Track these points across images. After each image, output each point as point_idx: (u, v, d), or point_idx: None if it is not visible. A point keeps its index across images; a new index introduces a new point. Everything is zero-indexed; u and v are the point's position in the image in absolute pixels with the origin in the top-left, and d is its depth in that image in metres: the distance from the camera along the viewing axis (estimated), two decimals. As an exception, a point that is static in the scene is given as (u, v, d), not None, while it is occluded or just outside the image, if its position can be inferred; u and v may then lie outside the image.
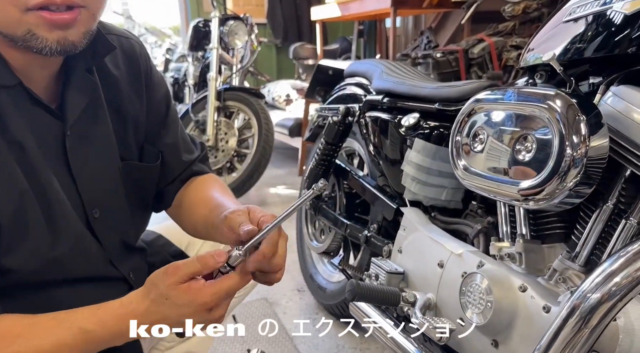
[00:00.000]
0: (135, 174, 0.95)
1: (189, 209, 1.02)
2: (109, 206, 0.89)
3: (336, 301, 1.77)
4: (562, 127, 0.85)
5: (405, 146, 1.41)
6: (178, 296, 0.69)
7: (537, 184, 0.89)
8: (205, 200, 0.99)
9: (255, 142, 3.13)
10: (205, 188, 1.03)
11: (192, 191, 1.04)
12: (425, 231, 1.27)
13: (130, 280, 0.93)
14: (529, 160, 0.91)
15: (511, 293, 0.98)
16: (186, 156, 1.06)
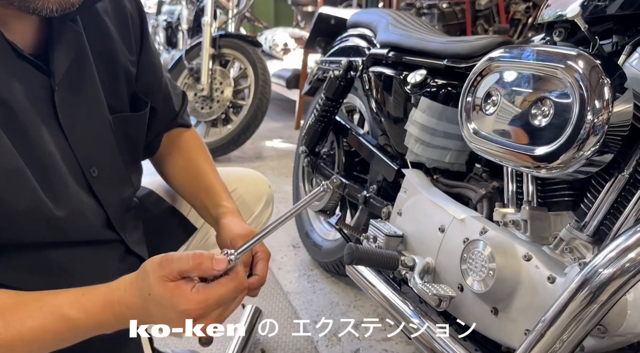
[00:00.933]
0: (126, 126, 0.90)
1: (175, 172, 1.04)
2: (105, 164, 0.84)
3: (332, 259, 1.76)
4: (583, 90, 0.79)
5: (409, 104, 1.35)
6: (162, 294, 0.61)
7: (552, 151, 0.84)
8: (193, 172, 1.02)
9: (251, 93, 3.04)
10: (191, 153, 1.05)
11: (178, 151, 1.04)
12: (427, 194, 1.23)
13: (126, 241, 0.90)
14: (545, 125, 0.85)
15: (515, 262, 0.95)
16: (177, 105, 1.04)
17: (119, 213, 0.87)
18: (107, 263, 0.85)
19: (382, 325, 1.59)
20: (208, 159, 1.05)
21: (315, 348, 1.46)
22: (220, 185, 0.99)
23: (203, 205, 0.98)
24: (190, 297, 0.61)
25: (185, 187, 1.04)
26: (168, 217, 1.13)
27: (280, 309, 1.64)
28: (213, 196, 0.97)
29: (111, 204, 0.84)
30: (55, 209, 0.73)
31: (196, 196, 1.00)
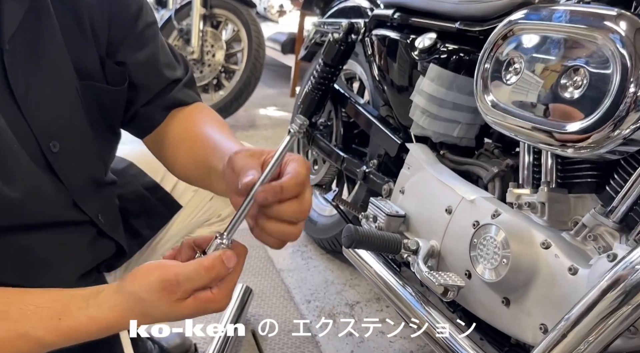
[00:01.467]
0: (98, 96, 0.77)
1: (176, 145, 0.82)
2: (69, 137, 0.73)
3: (327, 235, 1.67)
4: (626, 57, 0.69)
5: (416, 72, 1.23)
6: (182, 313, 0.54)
7: (583, 128, 0.73)
8: (199, 137, 0.78)
9: (244, 57, 2.89)
10: (198, 122, 0.82)
11: (180, 123, 0.83)
12: (433, 171, 1.13)
13: (98, 223, 0.79)
14: (576, 98, 0.75)
15: (532, 250, 0.86)
16: (168, 71, 0.84)
17: (88, 192, 0.76)
18: (74, 247, 0.75)
19: (378, 305, 1.52)
20: (225, 128, 0.81)
21: (309, 330, 1.39)
22: (232, 141, 0.74)
23: (211, 170, 0.70)
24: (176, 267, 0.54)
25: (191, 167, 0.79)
26: (149, 193, 1.02)
27: (272, 288, 1.57)
28: (220, 152, 0.70)
29: (76, 183, 0.73)
30: (8, 190, 0.62)
31: (205, 166, 0.72)
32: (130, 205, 0.98)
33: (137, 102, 0.82)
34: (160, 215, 1.01)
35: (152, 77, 0.82)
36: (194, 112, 0.84)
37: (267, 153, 0.58)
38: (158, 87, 0.83)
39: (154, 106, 0.83)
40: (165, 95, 0.83)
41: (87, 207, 0.77)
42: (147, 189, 1.02)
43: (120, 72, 0.79)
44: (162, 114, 0.83)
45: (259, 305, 1.47)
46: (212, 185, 0.73)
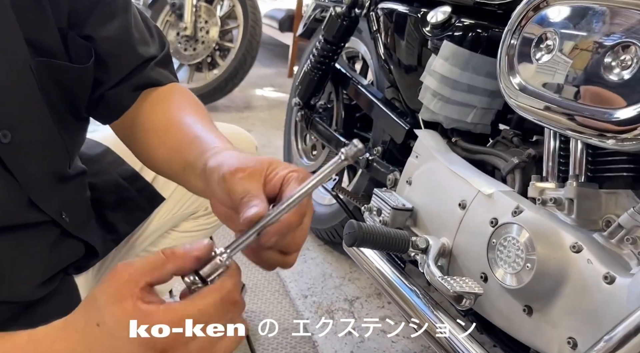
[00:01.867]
0: (58, 76, 0.65)
1: (148, 132, 0.71)
2: (23, 125, 0.61)
3: (325, 226, 1.57)
4: (688, 34, 0.57)
5: (426, 50, 1.11)
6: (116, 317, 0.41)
7: (633, 117, 0.62)
8: (174, 125, 0.67)
9: (240, 34, 2.75)
10: (173, 106, 0.71)
11: (153, 107, 0.72)
12: (444, 160, 1.02)
13: (62, 222, 0.68)
14: (625, 81, 0.64)
15: (560, 253, 0.76)
16: (142, 48, 0.73)
17: (47, 188, 0.65)
18: (33, 252, 0.65)
19: (379, 301, 1.42)
20: (203, 114, 0.71)
21: (305, 328, 1.29)
22: (213, 133, 0.64)
23: (187, 165, 0.61)
24: (156, 316, 0.40)
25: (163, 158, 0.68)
26: (127, 183, 0.91)
27: (266, 281, 1.47)
28: (198, 146, 0.61)
29: (32, 178, 0.62)
30: None
31: (179, 159, 0.63)
32: (106, 197, 0.87)
33: (105, 83, 0.71)
34: (140, 208, 0.90)
35: (123, 54, 0.70)
36: (169, 95, 0.73)
37: (267, 167, 0.49)
38: (129, 66, 0.72)
39: (124, 87, 0.71)
40: (136, 74, 0.72)
41: (47, 205, 0.65)
42: (125, 179, 0.91)
43: (85, 46, 0.67)
44: (132, 95, 0.72)
45: (252, 300, 1.37)
46: (188, 181, 0.62)
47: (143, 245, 0.91)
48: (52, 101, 0.65)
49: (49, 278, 0.70)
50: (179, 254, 0.42)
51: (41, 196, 0.63)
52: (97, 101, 0.72)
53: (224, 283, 0.42)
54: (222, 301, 0.41)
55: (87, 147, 0.89)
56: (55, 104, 0.65)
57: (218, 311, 0.41)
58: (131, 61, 0.72)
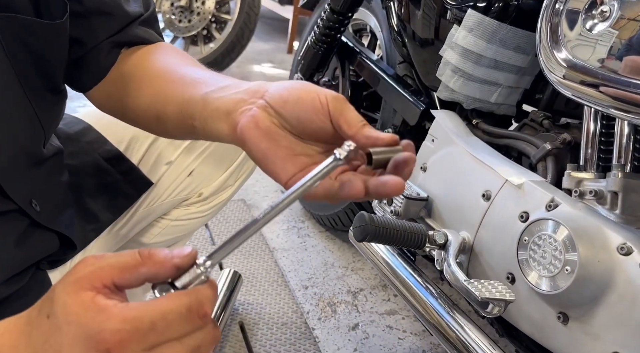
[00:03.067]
0: (25, 35, 0.54)
1: (135, 85, 0.61)
2: None
3: (328, 212, 1.47)
4: None
5: (445, 21, 1.00)
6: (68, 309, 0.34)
7: None
8: (167, 72, 0.59)
9: (237, 6, 2.61)
10: (164, 58, 0.62)
11: (138, 62, 0.63)
12: (465, 145, 0.92)
13: (31, 212, 0.58)
14: None
15: (605, 255, 0.66)
16: (127, 5, 0.64)
17: (16, 172, 0.55)
18: None
19: (385, 294, 1.33)
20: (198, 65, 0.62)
21: (305, 323, 1.20)
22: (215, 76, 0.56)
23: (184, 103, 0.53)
24: (112, 313, 0.34)
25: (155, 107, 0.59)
26: (111, 166, 0.80)
27: (264, 270, 1.37)
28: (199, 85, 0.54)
29: None
30: None
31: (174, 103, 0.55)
32: (85, 181, 0.77)
33: (88, 44, 0.62)
34: (125, 195, 0.80)
35: (110, 11, 0.62)
36: (158, 49, 0.65)
37: None
38: (118, 24, 0.63)
39: (104, 45, 0.62)
40: (121, 33, 0.63)
41: (15, 193, 0.56)
42: (107, 161, 0.80)
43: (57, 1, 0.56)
44: (114, 52, 0.63)
45: (249, 291, 1.28)
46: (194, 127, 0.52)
47: (129, 234, 0.81)
48: (20, 67, 0.55)
49: (16, 274, 0.60)
50: (157, 259, 0.36)
51: (9, 180, 0.54)
52: (75, 64, 0.63)
53: (198, 290, 0.36)
54: (189, 310, 0.35)
55: (64, 124, 0.79)
56: (24, 70, 0.55)
57: (182, 321, 0.35)
58: (120, 19, 0.63)
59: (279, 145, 0.46)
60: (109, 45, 0.63)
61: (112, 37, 0.63)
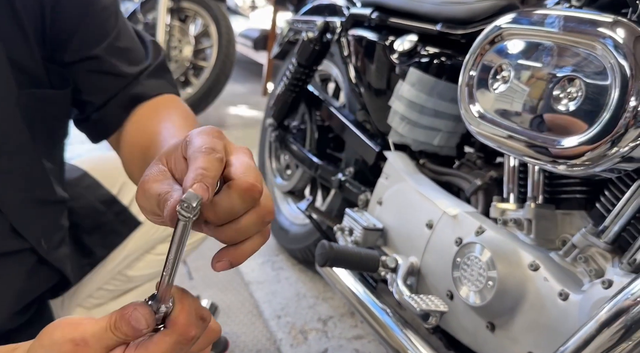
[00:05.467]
0: (42, 104, 0.66)
1: (128, 148, 0.70)
2: (5, 155, 0.62)
3: (300, 245, 1.59)
4: (626, 69, 0.63)
5: (394, 75, 1.16)
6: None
7: (578, 145, 0.67)
8: (152, 139, 0.63)
9: (214, 53, 2.77)
10: (154, 119, 0.67)
11: (135, 123, 0.70)
12: (413, 182, 1.07)
13: (40, 250, 0.69)
14: (571, 111, 0.69)
15: (519, 271, 0.81)
16: (131, 66, 0.71)
17: (30, 215, 0.66)
18: (10, 281, 0.65)
19: (352, 320, 1.45)
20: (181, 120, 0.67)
21: (278, 349, 1.31)
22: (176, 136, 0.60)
23: None
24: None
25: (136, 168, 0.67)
26: (105, 208, 0.92)
27: (239, 302, 1.48)
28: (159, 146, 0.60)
29: (15, 205, 0.63)
30: None
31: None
32: (83, 221, 0.88)
33: (94, 104, 0.70)
34: (116, 232, 0.91)
35: (110, 75, 0.69)
36: (153, 109, 0.70)
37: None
38: (117, 87, 0.70)
39: (110, 107, 0.70)
40: (123, 92, 0.70)
41: (28, 232, 0.66)
42: (102, 203, 0.92)
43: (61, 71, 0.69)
44: (120, 115, 0.70)
45: (225, 322, 1.38)
46: None
47: (118, 268, 0.92)
48: (34, 130, 0.65)
49: (24, 306, 0.70)
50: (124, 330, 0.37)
51: (23, 223, 0.64)
52: (85, 120, 0.73)
53: (175, 325, 0.38)
54: (177, 343, 0.38)
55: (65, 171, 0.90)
56: (37, 132, 0.67)
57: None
58: (118, 82, 0.70)
59: None
60: (115, 107, 0.70)
61: (115, 98, 0.69)
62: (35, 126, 0.66)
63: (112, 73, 0.69)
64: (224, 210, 0.38)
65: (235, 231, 0.39)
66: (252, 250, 0.41)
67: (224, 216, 0.38)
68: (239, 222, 0.39)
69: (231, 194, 0.37)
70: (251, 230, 0.40)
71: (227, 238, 0.39)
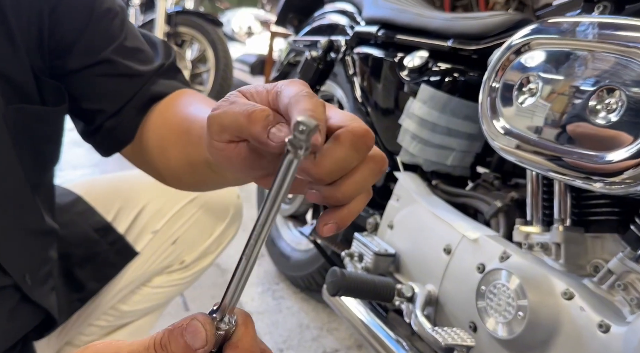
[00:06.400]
0: (31, 122, 0.60)
1: (161, 146, 0.62)
2: None
3: (302, 273, 1.51)
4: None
5: (403, 93, 1.11)
6: None
7: (621, 160, 0.62)
8: (184, 124, 0.58)
9: (211, 78, 2.75)
10: (179, 108, 0.62)
11: (159, 119, 0.63)
12: (426, 204, 1.00)
13: (24, 287, 0.61)
14: (610, 124, 0.63)
15: (552, 300, 0.74)
16: (143, 66, 0.65)
17: (15, 247, 0.59)
18: None
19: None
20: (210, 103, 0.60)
21: (283, 385, 1.21)
22: None
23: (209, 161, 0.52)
24: None
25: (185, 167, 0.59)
26: (99, 236, 0.84)
27: (240, 333, 1.38)
28: None
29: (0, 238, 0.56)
30: None
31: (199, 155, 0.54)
32: (74, 251, 0.81)
33: (106, 112, 0.63)
34: (111, 264, 0.84)
35: (122, 79, 0.63)
36: (175, 100, 0.64)
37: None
38: (133, 89, 0.63)
39: (126, 112, 0.63)
40: (138, 94, 0.64)
41: (12, 267, 0.59)
42: (96, 231, 0.84)
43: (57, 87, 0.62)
44: (136, 119, 0.63)
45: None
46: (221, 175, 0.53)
47: (111, 302, 0.84)
48: (22, 152, 0.59)
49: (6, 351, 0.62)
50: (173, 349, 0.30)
51: (7, 256, 0.57)
52: (96, 131, 0.65)
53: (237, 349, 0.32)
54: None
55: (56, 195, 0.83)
56: (25, 153, 0.60)
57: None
58: (135, 83, 0.63)
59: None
60: (131, 111, 0.63)
61: (132, 101, 0.63)
62: (23, 146, 0.60)
63: (128, 74, 0.63)
64: (337, 162, 0.32)
65: (353, 186, 0.33)
66: (359, 208, 0.35)
67: (336, 169, 0.32)
68: (353, 175, 0.33)
69: (342, 143, 0.32)
70: (368, 183, 0.34)
71: (343, 195, 0.33)
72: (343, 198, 0.34)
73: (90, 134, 0.66)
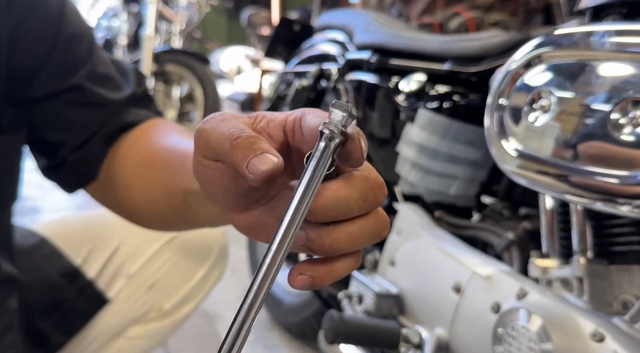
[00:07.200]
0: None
1: (130, 176, 0.57)
2: None
3: (296, 318, 1.40)
4: None
5: (398, 121, 1.05)
6: None
7: (654, 180, 0.54)
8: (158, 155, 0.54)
9: (199, 116, 2.70)
10: (152, 138, 0.58)
11: (128, 148, 0.59)
12: (431, 237, 0.92)
13: None
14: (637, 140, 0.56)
15: (580, 343, 0.65)
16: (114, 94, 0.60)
17: None
18: None
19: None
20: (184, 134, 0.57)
21: None
22: None
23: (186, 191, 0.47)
24: None
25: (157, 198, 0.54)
26: (66, 282, 0.75)
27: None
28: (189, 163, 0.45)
29: None
30: None
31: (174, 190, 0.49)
32: (37, 299, 0.72)
33: (70, 144, 0.58)
34: (79, 313, 0.74)
35: (90, 108, 0.58)
36: (147, 130, 0.59)
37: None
38: (100, 119, 0.59)
39: (92, 144, 0.58)
40: (105, 125, 0.59)
41: None
42: (62, 277, 0.76)
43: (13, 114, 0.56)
44: (103, 149, 0.58)
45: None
46: (196, 212, 0.48)
47: (79, 358, 0.74)
48: None
49: None
50: None
51: None
52: (59, 167, 0.59)
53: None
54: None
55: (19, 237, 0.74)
56: None
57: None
58: (104, 112, 0.59)
59: None
60: (98, 141, 0.59)
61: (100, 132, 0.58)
62: None
63: (97, 103, 0.58)
64: (338, 199, 0.29)
65: (344, 237, 0.30)
66: (342, 271, 0.31)
67: (334, 207, 0.29)
68: (349, 225, 0.30)
69: (352, 184, 0.29)
70: (361, 242, 0.31)
71: (330, 244, 0.30)
72: (329, 248, 0.30)
73: (52, 170, 0.61)
